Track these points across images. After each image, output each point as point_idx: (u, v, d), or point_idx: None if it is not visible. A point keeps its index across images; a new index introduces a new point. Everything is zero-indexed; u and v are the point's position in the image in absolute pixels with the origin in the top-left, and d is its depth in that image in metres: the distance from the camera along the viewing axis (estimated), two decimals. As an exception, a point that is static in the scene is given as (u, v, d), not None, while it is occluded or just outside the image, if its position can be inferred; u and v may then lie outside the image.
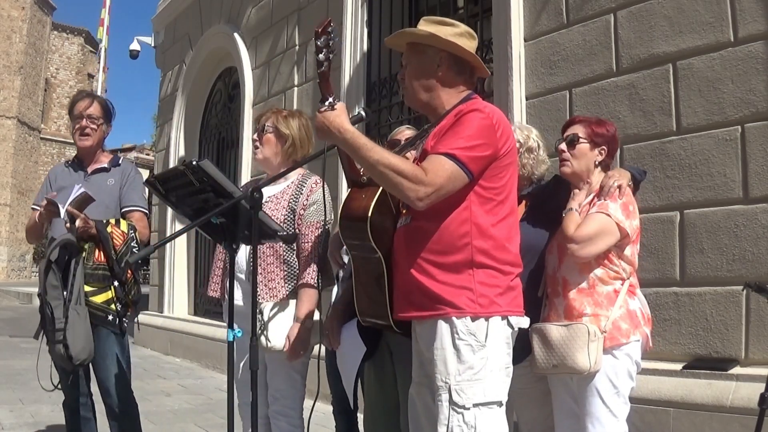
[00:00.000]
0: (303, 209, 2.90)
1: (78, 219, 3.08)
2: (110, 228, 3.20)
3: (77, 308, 3.07)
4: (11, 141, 34.30)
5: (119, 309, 3.22)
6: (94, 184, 3.32)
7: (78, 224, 3.08)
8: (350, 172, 2.39)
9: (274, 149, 3.01)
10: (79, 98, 3.50)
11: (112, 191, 3.38)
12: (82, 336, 3.05)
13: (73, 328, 3.03)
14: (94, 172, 3.43)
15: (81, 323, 3.06)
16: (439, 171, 2.06)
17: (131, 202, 3.40)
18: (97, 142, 3.45)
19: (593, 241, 2.49)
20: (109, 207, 3.33)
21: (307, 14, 6.91)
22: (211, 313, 8.36)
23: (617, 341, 2.51)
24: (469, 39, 2.30)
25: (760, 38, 3.44)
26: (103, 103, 3.49)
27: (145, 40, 12.10)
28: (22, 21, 35.42)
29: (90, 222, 3.12)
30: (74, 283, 3.09)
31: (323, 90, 2.13)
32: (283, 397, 2.90)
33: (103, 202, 3.26)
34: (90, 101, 3.44)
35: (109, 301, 3.19)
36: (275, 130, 3.01)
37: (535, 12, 4.51)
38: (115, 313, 3.20)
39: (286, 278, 2.88)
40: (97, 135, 3.43)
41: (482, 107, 2.17)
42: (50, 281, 3.11)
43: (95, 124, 3.41)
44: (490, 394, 2.11)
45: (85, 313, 3.09)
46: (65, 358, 3.05)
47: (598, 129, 2.69)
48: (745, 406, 3.13)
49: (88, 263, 3.17)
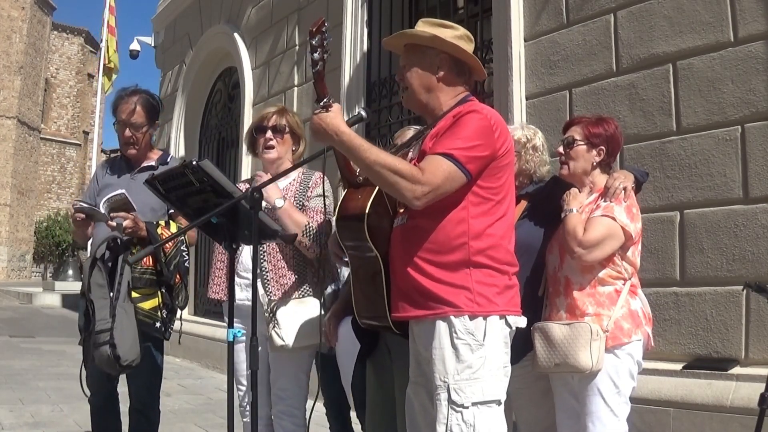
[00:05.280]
0: (308, 201, 2.94)
1: (127, 219, 2.95)
2: (160, 230, 3.06)
3: (125, 306, 2.93)
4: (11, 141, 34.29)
5: (165, 315, 3.10)
6: (140, 185, 3.10)
7: (127, 224, 2.95)
8: (346, 172, 2.39)
9: (288, 149, 3.02)
10: (122, 99, 3.27)
11: None
12: (131, 335, 2.90)
13: (121, 326, 2.88)
14: (140, 170, 3.25)
15: (129, 321, 2.91)
16: (437, 170, 2.06)
17: None
18: (144, 146, 3.28)
19: (600, 246, 2.50)
20: (155, 208, 3.15)
21: (307, 14, 6.91)
22: (211, 313, 8.35)
23: (619, 341, 2.52)
24: (468, 42, 2.32)
25: (760, 38, 3.44)
26: (147, 103, 3.26)
27: (145, 40, 12.10)
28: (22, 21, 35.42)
29: (140, 223, 3.00)
30: (121, 281, 2.94)
31: (318, 90, 2.13)
32: (288, 397, 2.90)
33: (148, 203, 3.08)
34: (133, 107, 3.21)
35: (156, 309, 3.07)
36: (291, 130, 3.01)
37: (535, 12, 4.51)
38: (161, 320, 3.08)
39: (297, 277, 2.88)
40: (144, 140, 3.26)
41: (480, 109, 2.18)
42: (95, 279, 2.98)
43: (140, 132, 3.23)
44: (488, 393, 2.11)
45: (132, 312, 2.95)
46: (111, 360, 2.87)
47: (594, 129, 2.68)
48: (745, 406, 3.13)
49: (136, 268, 3.02)
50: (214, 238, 2.70)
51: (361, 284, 2.37)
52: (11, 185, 34.16)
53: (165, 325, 3.11)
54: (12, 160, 34.27)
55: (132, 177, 3.25)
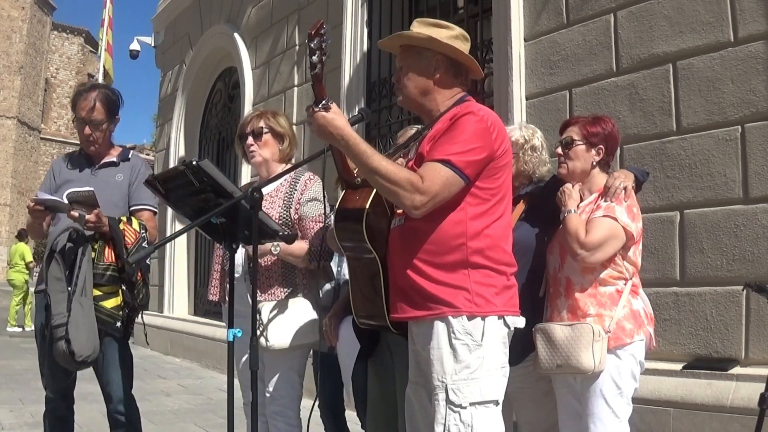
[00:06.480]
0: (299, 205, 2.90)
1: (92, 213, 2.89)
2: (122, 225, 3.02)
3: (81, 300, 2.85)
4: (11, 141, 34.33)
5: (127, 314, 3.05)
6: (102, 180, 3.17)
7: (90, 218, 2.87)
8: (344, 173, 2.38)
9: (272, 150, 3.00)
10: (81, 95, 3.23)
11: (121, 187, 3.20)
12: (86, 330, 2.84)
13: (76, 321, 2.82)
14: (101, 167, 3.24)
15: (84, 317, 2.85)
16: (435, 178, 2.07)
17: (141, 201, 3.21)
18: (104, 142, 3.26)
19: (603, 247, 2.50)
20: (117, 204, 3.13)
21: (307, 14, 6.91)
22: (211, 313, 8.36)
23: (621, 341, 2.51)
24: (464, 42, 2.31)
25: (760, 38, 3.44)
26: (106, 99, 3.22)
27: (145, 40, 12.10)
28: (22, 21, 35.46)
29: (104, 218, 2.92)
30: (79, 274, 2.87)
31: (317, 92, 2.13)
32: (281, 397, 2.90)
33: (111, 199, 3.07)
34: (92, 103, 3.17)
35: (117, 308, 3.01)
36: (271, 130, 3.00)
37: (535, 12, 4.51)
38: (123, 319, 3.02)
39: (284, 277, 2.88)
40: (104, 138, 3.23)
41: (476, 110, 2.18)
42: (53, 272, 2.92)
43: (100, 130, 3.20)
44: (486, 393, 2.11)
45: (89, 305, 2.88)
46: (67, 356, 2.82)
47: (592, 129, 2.68)
48: (745, 406, 3.13)
49: (98, 264, 2.97)
50: (214, 238, 2.69)
51: (359, 284, 2.37)
52: (11, 185, 34.20)
53: (126, 325, 3.06)
54: (12, 160, 34.31)
55: (93, 173, 3.23)
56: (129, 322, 3.10)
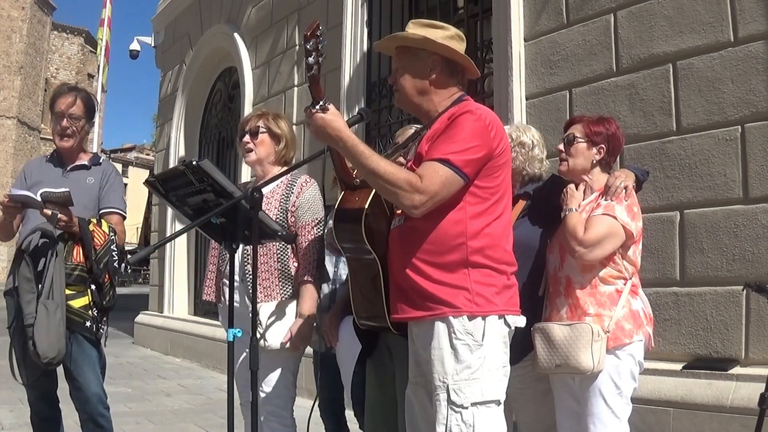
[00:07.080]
0: (294, 208, 2.90)
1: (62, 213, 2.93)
2: (92, 227, 3.06)
3: (47, 303, 2.89)
4: (11, 141, 34.33)
5: (96, 315, 3.07)
6: (73, 182, 3.20)
7: (62, 216, 2.92)
8: (343, 174, 2.38)
9: (268, 150, 3.01)
10: (61, 93, 3.32)
11: (91, 190, 3.25)
12: (51, 333, 2.87)
13: (40, 323, 2.86)
14: (73, 169, 3.30)
15: (48, 319, 2.88)
16: (434, 178, 2.07)
17: (111, 204, 3.27)
18: (78, 142, 3.32)
19: (601, 244, 2.50)
20: (87, 206, 3.18)
21: (307, 14, 6.91)
22: (210, 313, 8.36)
23: (620, 341, 2.51)
24: (459, 41, 2.31)
25: (760, 38, 3.44)
26: (86, 99, 3.33)
27: (145, 40, 12.11)
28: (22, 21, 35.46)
29: (75, 219, 2.97)
30: (47, 275, 2.91)
31: (314, 93, 2.13)
32: (276, 397, 2.90)
33: (81, 201, 3.10)
34: (73, 99, 3.26)
35: (86, 307, 3.05)
36: (268, 130, 3.01)
37: (535, 12, 4.51)
38: (92, 319, 3.05)
39: (281, 278, 2.88)
40: (79, 135, 3.30)
41: (474, 109, 2.18)
42: (23, 273, 2.96)
43: (77, 126, 3.27)
44: (487, 393, 2.11)
45: (54, 309, 2.91)
46: (36, 356, 2.88)
47: (595, 128, 2.69)
48: (745, 406, 3.13)
49: (66, 263, 3.01)
50: (214, 238, 2.69)
51: (359, 285, 2.37)
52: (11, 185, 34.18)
53: (96, 325, 3.08)
54: (12, 160, 34.30)
55: (64, 175, 3.27)
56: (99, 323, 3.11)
